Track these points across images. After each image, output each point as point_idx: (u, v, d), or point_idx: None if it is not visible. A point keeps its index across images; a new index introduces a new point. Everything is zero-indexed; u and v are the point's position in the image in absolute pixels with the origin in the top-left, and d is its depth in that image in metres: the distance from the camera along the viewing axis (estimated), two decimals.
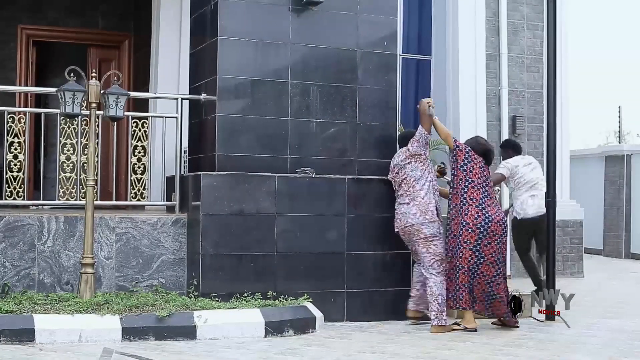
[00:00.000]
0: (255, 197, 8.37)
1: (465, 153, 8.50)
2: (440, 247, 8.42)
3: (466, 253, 8.34)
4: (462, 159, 8.50)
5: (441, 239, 8.45)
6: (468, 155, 8.51)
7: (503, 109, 13.45)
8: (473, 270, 8.34)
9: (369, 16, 9.07)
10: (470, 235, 8.34)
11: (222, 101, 8.50)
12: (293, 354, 6.93)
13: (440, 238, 8.45)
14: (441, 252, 8.41)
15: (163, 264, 8.46)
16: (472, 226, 8.34)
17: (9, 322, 6.93)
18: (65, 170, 8.65)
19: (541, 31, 13.59)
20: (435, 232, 8.40)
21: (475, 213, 8.37)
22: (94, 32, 13.27)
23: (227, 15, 8.54)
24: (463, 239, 8.36)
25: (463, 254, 8.35)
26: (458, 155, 8.52)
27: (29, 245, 8.08)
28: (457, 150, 8.53)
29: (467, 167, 8.49)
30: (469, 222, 8.35)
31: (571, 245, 13.94)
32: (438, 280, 8.34)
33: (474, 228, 8.34)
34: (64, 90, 7.85)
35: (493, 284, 8.39)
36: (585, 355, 7.38)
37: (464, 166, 8.49)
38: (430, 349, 7.39)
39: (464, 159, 8.50)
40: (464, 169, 8.49)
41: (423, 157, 8.49)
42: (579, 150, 20.39)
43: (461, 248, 8.35)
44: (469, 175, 8.47)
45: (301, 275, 8.48)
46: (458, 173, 8.50)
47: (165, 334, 7.28)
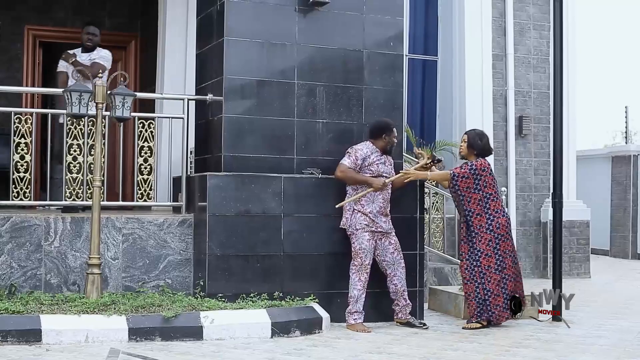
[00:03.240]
0: (262, 198, 8.37)
1: (473, 174, 8.52)
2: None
3: (508, 261, 8.63)
4: (472, 182, 8.53)
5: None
6: (474, 172, 8.52)
7: (509, 110, 13.47)
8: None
9: (375, 16, 9.06)
10: (509, 244, 8.68)
11: (228, 102, 8.51)
12: (299, 355, 6.93)
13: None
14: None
15: (169, 265, 8.47)
16: (507, 235, 8.66)
17: (16, 323, 6.94)
18: (72, 171, 8.66)
19: (547, 31, 13.61)
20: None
21: (504, 222, 8.62)
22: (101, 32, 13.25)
23: (234, 16, 8.54)
24: (503, 251, 8.57)
25: (507, 263, 8.61)
26: (467, 180, 8.53)
27: (36, 246, 8.09)
28: (461, 179, 8.54)
29: (481, 184, 8.56)
30: (502, 233, 8.60)
31: (578, 245, 13.92)
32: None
33: (507, 237, 8.66)
34: (71, 90, 7.87)
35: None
36: (593, 356, 7.37)
37: (478, 186, 8.54)
38: (436, 349, 7.39)
39: (474, 179, 8.52)
40: (479, 189, 8.53)
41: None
42: (586, 151, 20.35)
43: (504, 259, 8.57)
44: (484, 191, 8.53)
45: (308, 276, 8.48)
46: (474, 195, 8.55)
47: (172, 334, 7.29)
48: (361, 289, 8.29)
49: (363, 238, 8.30)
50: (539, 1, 13.80)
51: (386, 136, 8.51)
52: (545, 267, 13.31)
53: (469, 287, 8.58)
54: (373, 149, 8.47)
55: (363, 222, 8.32)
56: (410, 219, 8.93)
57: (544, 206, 13.60)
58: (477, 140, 8.73)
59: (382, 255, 8.43)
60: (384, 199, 8.43)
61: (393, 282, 8.46)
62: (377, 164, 8.42)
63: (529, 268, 13.51)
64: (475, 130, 8.96)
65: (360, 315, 8.28)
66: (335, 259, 8.56)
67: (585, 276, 13.91)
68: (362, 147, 8.46)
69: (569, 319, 9.02)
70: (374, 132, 8.56)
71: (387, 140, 8.51)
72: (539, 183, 13.72)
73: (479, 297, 8.52)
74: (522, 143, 13.61)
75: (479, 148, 8.72)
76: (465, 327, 8.51)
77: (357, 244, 8.30)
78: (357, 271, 8.30)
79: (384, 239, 8.41)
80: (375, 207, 8.37)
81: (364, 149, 8.44)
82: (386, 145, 8.52)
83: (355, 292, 8.28)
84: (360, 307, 8.29)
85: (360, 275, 8.29)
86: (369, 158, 8.40)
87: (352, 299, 8.28)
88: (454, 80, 13.38)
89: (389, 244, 8.43)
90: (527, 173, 13.65)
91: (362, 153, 8.39)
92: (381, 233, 8.40)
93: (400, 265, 8.48)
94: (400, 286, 8.47)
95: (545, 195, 13.62)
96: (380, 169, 8.43)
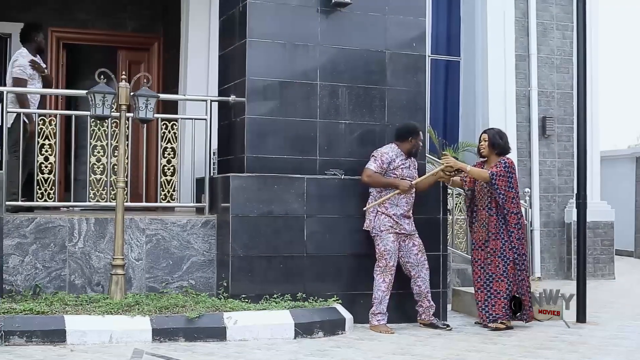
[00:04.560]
0: (285, 199, 8.37)
1: (507, 172, 8.53)
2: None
3: (526, 262, 8.65)
4: (507, 181, 8.54)
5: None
6: (508, 171, 8.52)
7: (533, 110, 13.40)
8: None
9: (398, 17, 9.04)
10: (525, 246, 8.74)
11: (251, 103, 8.51)
12: (322, 356, 6.93)
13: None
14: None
15: (193, 266, 8.48)
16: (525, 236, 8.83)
17: (40, 323, 6.98)
18: (96, 172, 8.70)
19: (571, 31, 13.53)
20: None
21: (523, 222, 8.75)
22: (123, 34, 13.33)
23: (256, 17, 8.55)
24: (523, 251, 8.58)
25: (526, 265, 8.62)
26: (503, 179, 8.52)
27: (60, 247, 8.13)
28: (499, 177, 8.50)
29: (513, 182, 8.60)
30: (524, 232, 8.75)
31: (602, 247, 13.84)
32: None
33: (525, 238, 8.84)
34: (94, 92, 7.89)
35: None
36: (617, 357, 7.32)
37: (511, 184, 8.57)
38: (459, 350, 7.37)
39: (508, 177, 8.54)
40: (512, 187, 8.56)
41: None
42: (610, 151, 20.23)
43: (525, 259, 8.59)
44: (515, 189, 8.62)
45: (331, 277, 8.48)
46: (509, 194, 8.54)
47: (195, 335, 7.30)
48: (385, 290, 8.28)
49: (388, 240, 8.28)
50: (562, 1, 13.72)
51: (412, 139, 8.49)
52: (569, 269, 13.24)
53: (499, 285, 8.51)
54: (398, 152, 8.45)
55: (387, 224, 8.30)
56: (434, 220, 8.91)
57: (567, 207, 13.53)
58: (498, 138, 8.72)
59: (406, 256, 8.41)
60: (407, 202, 8.41)
61: (417, 283, 8.44)
62: (401, 168, 8.40)
63: (552, 269, 13.45)
64: (494, 129, 8.94)
65: (383, 316, 8.27)
66: (358, 260, 8.55)
67: (610, 277, 13.83)
68: (388, 151, 8.43)
69: (593, 320, 8.98)
70: (401, 134, 8.53)
71: (413, 143, 8.49)
72: (563, 184, 13.65)
73: (510, 295, 8.48)
74: (545, 144, 13.55)
75: (501, 147, 8.70)
76: (492, 327, 8.46)
77: (382, 246, 8.29)
78: (381, 273, 8.29)
79: (407, 240, 8.40)
80: (399, 209, 8.36)
81: (390, 153, 8.42)
82: (412, 149, 8.50)
83: (379, 294, 8.27)
84: (384, 309, 8.28)
85: (384, 276, 8.28)
86: (394, 162, 8.38)
87: (376, 300, 8.27)
88: (476, 80, 13.35)
89: (412, 245, 8.42)
90: (551, 174, 13.58)
91: (387, 157, 8.37)
92: (405, 235, 8.38)
93: (424, 267, 8.46)
94: (424, 287, 8.45)
95: (569, 196, 13.55)
96: (404, 173, 8.41)
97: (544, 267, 13.31)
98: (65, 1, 13.15)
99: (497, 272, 8.52)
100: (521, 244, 8.53)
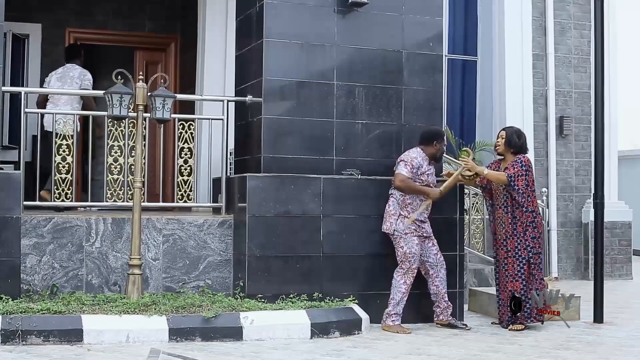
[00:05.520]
0: (301, 199, 8.38)
1: (525, 171, 8.49)
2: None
3: (542, 262, 8.68)
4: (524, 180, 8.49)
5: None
6: (525, 169, 8.48)
7: (550, 110, 13.36)
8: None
9: (415, 17, 9.03)
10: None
11: (267, 103, 8.52)
12: (339, 356, 6.93)
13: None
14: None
15: (209, 265, 8.50)
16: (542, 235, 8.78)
17: (57, 323, 7.01)
18: (113, 172, 8.72)
19: (588, 30, 13.48)
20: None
21: (540, 220, 8.68)
22: (140, 34, 13.37)
23: (273, 17, 8.56)
24: (539, 250, 8.58)
25: (542, 264, 8.66)
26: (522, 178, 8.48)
27: (77, 247, 8.16)
28: (517, 178, 8.46)
29: (529, 180, 8.54)
30: (540, 231, 8.66)
31: (619, 247, 13.77)
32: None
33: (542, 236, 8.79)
34: (112, 92, 7.92)
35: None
36: (635, 358, 7.30)
37: (527, 182, 8.52)
38: (476, 351, 7.36)
39: (526, 176, 8.51)
40: (528, 186, 8.52)
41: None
42: (628, 151, 20.14)
43: (541, 259, 8.60)
44: (531, 187, 8.58)
45: (347, 277, 8.48)
46: (527, 192, 8.50)
47: (212, 334, 7.32)
48: (405, 292, 8.26)
49: (412, 242, 8.27)
50: (580, 0, 13.67)
51: (437, 143, 8.48)
52: (587, 269, 13.18)
53: (515, 285, 8.48)
54: (424, 157, 8.43)
55: (411, 227, 8.29)
56: (451, 220, 8.89)
57: (585, 207, 13.47)
58: (515, 138, 8.67)
59: (426, 256, 8.40)
60: (428, 208, 8.41)
61: (435, 283, 8.43)
62: (427, 174, 8.39)
63: (570, 270, 13.40)
64: (513, 128, 8.88)
65: (398, 317, 8.26)
66: (374, 260, 8.55)
67: (627, 278, 13.75)
68: (416, 156, 8.40)
69: (609, 321, 8.95)
70: (426, 138, 8.51)
71: (438, 147, 8.48)
72: (580, 184, 13.59)
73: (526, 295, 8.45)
74: (563, 143, 13.50)
75: (517, 146, 8.66)
76: (512, 328, 8.43)
77: (407, 248, 8.27)
78: (403, 274, 8.28)
79: (426, 241, 8.39)
80: (421, 215, 8.35)
81: (418, 158, 8.39)
82: (436, 153, 8.49)
83: (398, 295, 8.25)
84: (400, 310, 8.26)
85: (406, 278, 8.27)
86: (422, 167, 8.36)
87: (394, 301, 8.25)
88: (493, 80, 13.31)
89: (432, 245, 8.41)
90: (568, 174, 13.53)
91: (417, 162, 8.35)
92: (425, 236, 8.38)
93: (443, 267, 8.45)
94: (441, 287, 8.43)
95: (586, 196, 13.49)
96: (429, 179, 8.41)
97: (561, 267, 13.25)
98: (83, 2, 13.20)
99: (512, 272, 8.49)
100: (537, 243, 8.50)
